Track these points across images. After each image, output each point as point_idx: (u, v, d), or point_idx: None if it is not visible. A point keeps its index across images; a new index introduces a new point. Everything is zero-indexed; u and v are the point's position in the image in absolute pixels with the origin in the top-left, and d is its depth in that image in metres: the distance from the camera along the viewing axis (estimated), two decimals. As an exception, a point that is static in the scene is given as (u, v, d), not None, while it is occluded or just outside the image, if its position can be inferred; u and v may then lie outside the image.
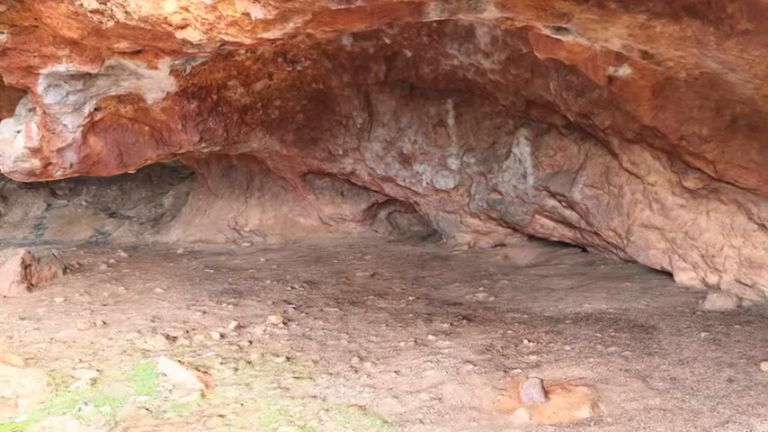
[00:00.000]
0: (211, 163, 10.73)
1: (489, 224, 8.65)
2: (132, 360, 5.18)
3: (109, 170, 8.15)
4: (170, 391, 4.53)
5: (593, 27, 4.57)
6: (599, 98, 6.18)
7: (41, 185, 13.48)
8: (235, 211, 10.59)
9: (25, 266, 7.88)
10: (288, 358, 5.03)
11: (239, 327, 5.85)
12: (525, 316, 5.71)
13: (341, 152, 9.34)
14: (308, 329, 5.75)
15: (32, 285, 7.84)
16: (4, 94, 9.07)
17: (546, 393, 4.01)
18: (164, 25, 4.74)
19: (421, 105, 8.73)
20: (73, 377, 4.87)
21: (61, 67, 6.48)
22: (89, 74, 6.83)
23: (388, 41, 8.15)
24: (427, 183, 8.89)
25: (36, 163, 7.45)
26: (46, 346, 5.57)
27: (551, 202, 7.62)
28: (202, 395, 4.44)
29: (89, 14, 5.25)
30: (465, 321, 5.67)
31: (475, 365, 4.63)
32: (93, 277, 8.30)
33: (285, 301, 6.73)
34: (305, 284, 7.40)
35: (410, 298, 6.60)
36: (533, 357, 4.72)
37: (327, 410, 4.09)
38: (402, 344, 5.22)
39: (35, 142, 7.32)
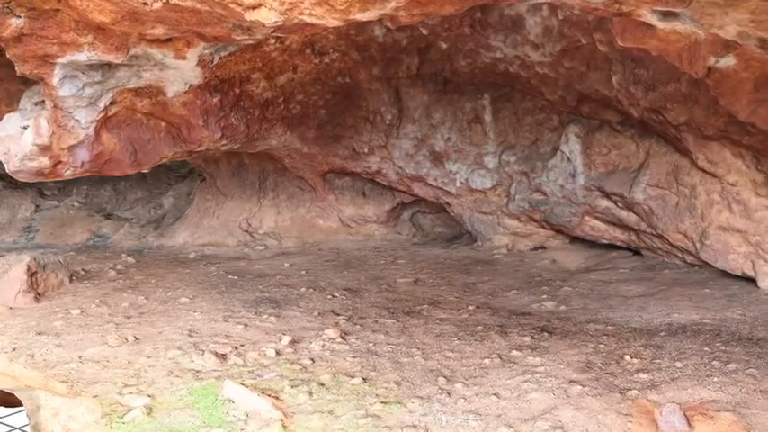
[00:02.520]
0: (221, 162, 10.09)
1: (530, 226, 8.21)
2: (184, 383, 4.60)
3: (122, 169, 7.53)
4: (244, 421, 3.97)
5: (712, 12, 4.15)
6: (674, 92, 5.77)
7: (28, 185, 12.66)
8: (247, 213, 9.98)
9: (31, 274, 7.22)
10: (364, 379, 4.50)
11: (293, 342, 5.30)
12: (610, 327, 5.26)
13: (366, 150, 8.81)
14: (371, 344, 5.23)
15: (39, 295, 7.19)
16: (2, 86, 8.35)
17: (688, 420, 3.56)
18: (232, 5, 4.18)
19: (455, 101, 8.25)
20: (122, 404, 4.28)
21: (81, 56, 5.87)
22: (109, 64, 6.23)
23: (424, 32, 7.66)
24: (461, 182, 8.41)
25: (45, 162, 6.79)
26: (77, 367, 4.94)
27: (604, 203, 7.20)
28: (283, 426, 3.90)
29: (134, -6, 4.67)
30: (546, 334, 5.20)
31: (583, 386, 4.16)
32: (103, 285, 7.65)
33: (331, 311, 6.18)
34: (345, 292, 6.86)
35: (470, 307, 6.11)
36: (644, 376, 4.27)
37: (437, 443, 3.59)
38: (486, 361, 4.73)
39: (45, 139, 6.67)
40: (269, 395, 4.28)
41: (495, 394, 4.16)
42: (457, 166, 8.38)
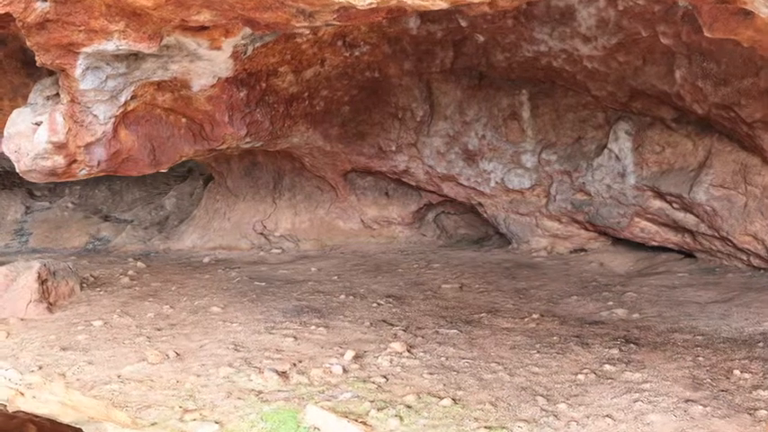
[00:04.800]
0: (232, 160, 9.55)
1: (571, 227, 7.86)
2: (249, 406, 4.12)
3: (139, 168, 6.99)
4: (339, 453, 3.53)
5: (840, -4, 3.82)
6: (751, 87, 5.47)
7: (16, 184, 11.96)
8: (261, 214, 9.45)
9: (41, 282, 6.67)
10: (454, 400, 4.07)
11: (357, 357, 4.85)
12: (699, 338, 4.92)
13: (393, 148, 8.38)
14: (443, 359, 4.80)
15: (51, 304, 6.66)
16: (5, 79, 7.69)
17: None
18: (320, -17, 3.72)
19: (490, 96, 7.85)
20: (187, 433, 3.81)
21: (110, 45, 5.34)
22: (136, 54, 5.71)
23: (463, 24, 7.23)
24: (496, 182, 8.03)
25: (59, 161, 6.24)
26: (119, 388, 4.43)
27: (658, 204, 6.88)
28: (385, 458, 3.46)
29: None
30: (633, 346, 4.82)
31: (703, 406, 3.79)
32: (119, 293, 7.12)
33: (383, 321, 5.74)
34: (390, 300, 6.41)
35: (533, 316, 5.72)
36: (764, 393, 3.91)
37: (570, 477, 3.18)
38: (580, 377, 4.34)
39: (60, 136, 6.12)
40: (356, 420, 3.84)
41: (607, 416, 3.77)
42: (492, 165, 7.99)
